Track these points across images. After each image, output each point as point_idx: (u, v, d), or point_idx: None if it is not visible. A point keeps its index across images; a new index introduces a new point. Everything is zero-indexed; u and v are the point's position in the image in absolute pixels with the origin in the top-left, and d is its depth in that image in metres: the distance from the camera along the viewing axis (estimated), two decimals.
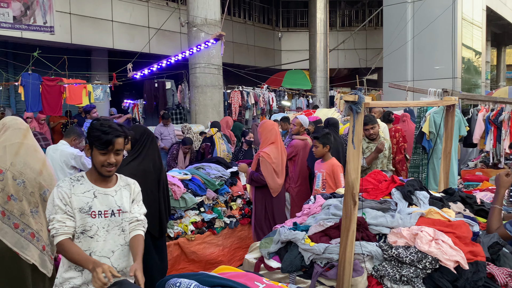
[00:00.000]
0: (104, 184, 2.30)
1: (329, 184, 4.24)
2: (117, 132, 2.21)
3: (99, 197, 2.26)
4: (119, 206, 2.30)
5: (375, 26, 20.05)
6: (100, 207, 2.24)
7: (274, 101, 13.03)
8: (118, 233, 2.29)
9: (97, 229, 2.22)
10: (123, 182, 2.41)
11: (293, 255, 2.59)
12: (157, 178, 3.36)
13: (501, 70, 30.33)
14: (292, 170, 5.37)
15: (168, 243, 4.33)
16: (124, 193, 2.36)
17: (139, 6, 13.61)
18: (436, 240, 2.37)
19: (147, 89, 11.52)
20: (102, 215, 2.24)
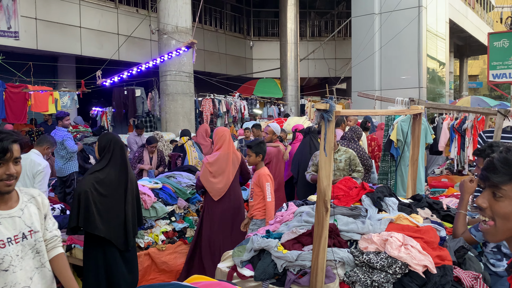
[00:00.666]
0: (5, 205, 1.95)
1: (256, 193, 4.17)
2: (12, 137, 1.90)
3: (3, 223, 1.92)
4: (29, 226, 2.01)
5: (343, 37, 20.49)
6: (7, 233, 1.92)
7: (245, 109, 13.07)
8: (33, 256, 2.02)
9: (11, 259, 1.91)
10: (26, 196, 2.07)
11: (266, 263, 2.59)
12: (124, 188, 3.26)
13: (463, 81, 31.58)
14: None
15: (138, 253, 4.24)
16: (31, 209, 2.05)
17: (108, 13, 13.41)
18: (405, 245, 2.42)
19: (116, 96, 11.32)
20: (12, 242, 1.92)
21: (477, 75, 39.83)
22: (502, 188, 1.14)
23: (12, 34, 10.62)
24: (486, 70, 11.98)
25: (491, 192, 1.17)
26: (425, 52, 15.09)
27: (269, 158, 5.31)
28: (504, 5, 30.75)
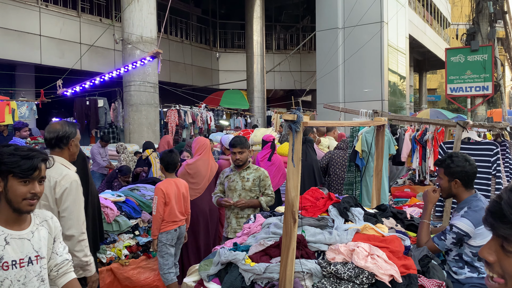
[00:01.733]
0: (17, 225, 1.87)
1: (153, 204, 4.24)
2: (42, 156, 1.87)
3: (12, 244, 1.83)
4: (37, 251, 1.90)
5: (308, 50, 20.87)
6: (14, 255, 1.82)
7: (212, 120, 13.00)
8: (38, 285, 1.90)
9: (10, 283, 1.81)
10: (39, 218, 1.98)
11: (233, 276, 2.53)
12: (85, 204, 3.13)
13: (423, 94, 32.84)
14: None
15: (100, 269, 4.09)
16: (42, 233, 1.95)
17: (70, 21, 13.08)
18: (372, 255, 2.44)
19: (78, 107, 11.00)
20: (16, 266, 1.83)
21: (435, 88, 41.53)
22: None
23: None
24: (444, 84, 12.54)
25: (500, 245, 0.92)
26: (386, 66, 15.58)
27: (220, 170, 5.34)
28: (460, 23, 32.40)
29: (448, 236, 2.68)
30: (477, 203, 2.69)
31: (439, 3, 27.40)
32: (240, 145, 3.98)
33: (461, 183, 2.74)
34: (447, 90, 12.19)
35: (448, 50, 12.54)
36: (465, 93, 12.00)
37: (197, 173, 4.82)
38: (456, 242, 2.67)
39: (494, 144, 3.78)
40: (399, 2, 16.56)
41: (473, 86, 11.83)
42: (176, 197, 4.16)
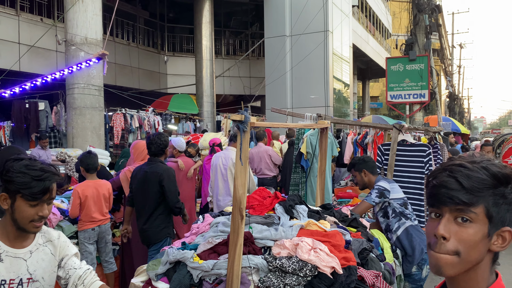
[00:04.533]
0: (18, 243, 1.76)
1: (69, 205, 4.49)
2: (54, 177, 1.73)
3: (5, 261, 1.71)
4: (31, 273, 1.77)
5: (257, 56, 21.16)
6: (5, 275, 1.71)
7: (160, 124, 12.82)
8: None
9: None
10: (43, 238, 1.85)
11: (181, 274, 2.57)
12: None
13: (366, 101, 34.27)
14: None
15: None
16: (42, 255, 1.82)
17: (7, 20, 12.42)
18: (315, 249, 2.57)
19: (16, 110, 10.45)
20: (5, 285, 1.72)
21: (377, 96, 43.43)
22: (472, 212, 0.96)
23: None
24: (385, 91, 13.22)
25: (453, 218, 0.98)
26: (331, 74, 16.15)
27: None
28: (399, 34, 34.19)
29: (372, 193, 3.44)
30: (382, 178, 3.57)
31: (381, 15, 28.81)
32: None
33: (368, 171, 3.54)
34: (388, 97, 12.86)
35: (388, 59, 13.24)
36: (404, 100, 12.72)
37: None
38: (379, 195, 3.39)
39: (427, 146, 4.08)
40: (343, 12, 17.25)
41: (411, 94, 12.57)
42: (94, 198, 4.31)
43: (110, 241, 4.58)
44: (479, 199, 0.96)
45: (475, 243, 0.97)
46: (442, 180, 1.00)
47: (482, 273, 1.01)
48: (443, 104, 39.00)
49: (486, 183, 0.97)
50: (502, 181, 0.98)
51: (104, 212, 4.46)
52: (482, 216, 0.97)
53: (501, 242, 1.00)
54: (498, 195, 0.98)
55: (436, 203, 1.01)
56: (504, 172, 0.99)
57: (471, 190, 0.96)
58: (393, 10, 34.65)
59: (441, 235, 0.98)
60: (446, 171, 1.01)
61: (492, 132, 48.43)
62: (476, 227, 0.97)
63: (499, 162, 1.03)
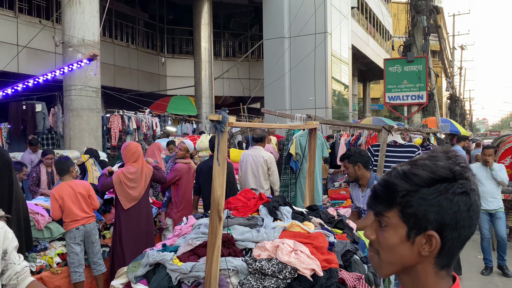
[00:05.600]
0: None
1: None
2: None
3: None
4: None
5: (257, 58, 21.15)
6: None
7: (157, 126, 12.80)
8: None
9: None
10: None
11: (160, 276, 2.54)
12: (7, 211, 2.99)
13: (366, 103, 34.21)
14: (175, 195, 5.34)
15: None
16: None
17: (6, 22, 12.44)
18: (296, 251, 2.54)
19: (13, 111, 10.43)
20: None
21: (378, 98, 43.33)
22: (385, 216, 0.99)
23: None
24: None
25: (377, 222, 1.02)
26: (330, 75, 16.12)
27: (180, 175, 5.30)
28: (400, 35, 34.16)
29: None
30: (376, 176, 3.55)
31: (381, 16, 28.78)
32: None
33: (362, 165, 3.52)
34: (386, 98, 12.81)
35: (387, 61, 13.20)
36: (402, 102, 12.66)
37: (134, 179, 4.73)
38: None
39: (416, 147, 4.05)
40: (342, 14, 17.23)
41: (409, 95, 12.51)
42: (72, 197, 4.41)
43: (98, 242, 4.56)
44: (392, 204, 0.97)
45: (391, 246, 0.98)
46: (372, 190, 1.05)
47: (425, 278, 0.98)
48: (444, 106, 38.85)
49: (396, 188, 0.97)
50: (418, 183, 0.95)
51: (85, 210, 4.49)
52: (396, 220, 0.97)
53: (428, 247, 0.96)
54: (415, 197, 0.95)
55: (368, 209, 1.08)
56: (423, 174, 0.95)
57: (382, 198, 0.99)
58: (393, 12, 34.61)
59: (366, 236, 1.04)
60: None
61: (490, 134, 48.23)
62: (390, 230, 0.98)
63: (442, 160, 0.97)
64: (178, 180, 5.38)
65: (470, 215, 0.95)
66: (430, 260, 0.97)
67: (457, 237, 0.96)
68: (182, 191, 5.29)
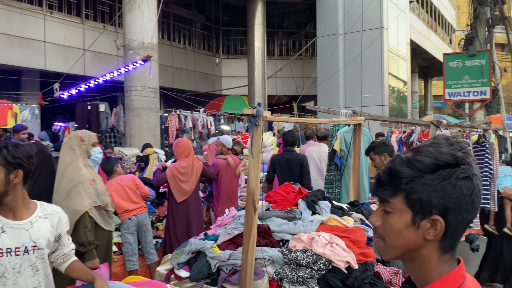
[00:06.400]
0: (14, 215, 1.98)
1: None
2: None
3: (8, 232, 1.93)
4: (34, 241, 1.98)
5: (311, 56, 21.03)
6: (9, 243, 1.92)
7: (212, 125, 13.17)
8: (32, 274, 1.99)
9: (5, 270, 1.91)
10: (43, 211, 2.09)
11: (201, 263, 2.67)
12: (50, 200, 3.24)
13: (428, 100, 32.73)
14: (216, 189, 5.54)
15: None
16: (43, 225, 2.03)
17: (74, 28, 13.39)
18: (331, 243, 2.56)
19: (79, 111, 11.22)
20: (11, 253, 1.92)
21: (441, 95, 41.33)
22: (391, 202, 1.01)
23: None
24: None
25: (382, 209, 1.04)
26: (387, 71, 15.66)
27: (218, 170, 5.47)
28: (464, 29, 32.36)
29: None
30: None
31: (443, 9, 27.45)
32: None
33: (388, 155, 3.52)
34: (445, 94, 12.25)
35: (446, 55, 12.61)
36: (463, 98, 12.05)
37: (186, 174, 4.94)
38: None
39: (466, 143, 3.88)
40: (399, 8, 16.68)
41: (471, 91, 11.87)
42: (120, 192, 4.64)
43: (150, 232, 4.80)
44: (397, 191, 0.99)
45: (397, 231, 1.00)
46: (376, 177, 1.07)
47: (428, 262, 1.00)
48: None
49: (400, 175, 0.99)
50: (422, 169, 0.97)
51: (135, 200, 4.73)
52: (402, 205, 0.99)
53: (433, 231, 0.98)
54: (419, 183, 0.97)
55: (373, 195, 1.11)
56: (427, 160, 0.97)
57: (387, 185, 1.01)
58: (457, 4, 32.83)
59: (371, 223, 1.06)
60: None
61: None
62: (396, 216, 1.00)
63: (444, 147, 0.99)
64: (217, 175, 5.55)
65: (472, 199, 0.97)
66: (434, 244, 0.99)
67: (461, 220, 0.98)
68: (222, 186, 5.47)
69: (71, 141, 3.36)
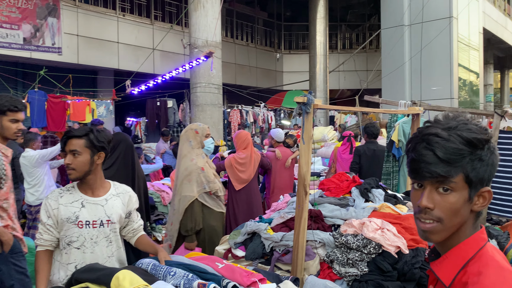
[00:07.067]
0: (93, 192, 2.25)
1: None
2: (71, 133, 2.18)
3: (87, 207, 2.20)
4: (108, 216, 2.23)
5: (375, 49, 20.50)
6: (88, 217, 2.18)
7: (272, 119, 13.37)
8: (106, 245, 2.24)
9: (84, 239, 2.17)
10: (116, 190, 2.34)
11: (256, 244, 2.84)
12: (131, 186, 3.48)
13: (505, 93, 30.47)
14: (267, 181, 5.73)
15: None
16: (116, 203, 2.29)
17: (144, 28, 14.20)
18: (382, 229, 2.61)
19: (149, 107, 11.94)
20: (90, 225, 2.18)
21: None
22: (453, 181, 1.00)
23: (55, 49, 11.52)
24: None
25: (435, 188, 1.03)
26: (456, 63, 14.88)
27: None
28: None
29: None
30: None
31: None
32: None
33: None
34: None
35: None
36: None
37: (245, 164, 5.14)
38: None
39: None
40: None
41: None
42: None
43: None
44: (457, 169, 1.00)
45: (457, 210, 1.02)
46: (420, 154, 1.03)
47: (464, 232, 1.07)
48: None
49: (463, 152, 1.01)
50: (478, 145, 1.01)
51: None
52: (462, 183, 1.02)
53: (482, 201, 1.05)
54: (475, 160, 1.01)
55: (418, 177, 1.06)
56: (479, 137, 1.01)
57: (448, 162, 1.00)
58: None
59: (425, 206, 1.04)
60: (424, 142, 1.04)
61: None
62: (457, 194, 1.02)
63: (474, 124, 1.04)
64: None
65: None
66: (473, 214, 1.07)
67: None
68: (272, 178, 5.62)
69: (187, 134, 3.78)
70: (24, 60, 11.62)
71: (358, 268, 2.46)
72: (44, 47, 11.36)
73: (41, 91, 8.90)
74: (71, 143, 2.16)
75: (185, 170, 3.59)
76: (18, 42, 10.84)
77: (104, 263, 2.19)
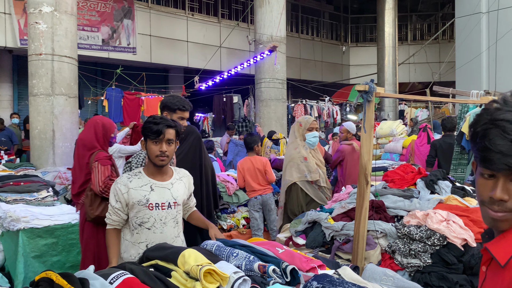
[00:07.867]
0: (160, 177, 2.39)
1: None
2: (167, 122, 2.33)
3: (156, 190, 2.35)
4: (175, 198, 2.39)
5: (449, 39, 19.40)
6: (157, 199, 2.33)
7: (338, 114, 13.18)
8: (173, 226, 2.40)
9: (154, 220, 2.33)
10: (178, 174, 2.50)
11: (316, 232, 2.89)
12: (199, 174, 3.66)
13: None
14: (341, 174, 5.64)
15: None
16: (180, 186, 2.45)
17: (211, 27, 14.64)
18: (448, 221, 2.54)
19: (216, 103, 12.32)
20: (159, 207, 2.33)
21: None
22: None
23: (130, 49, 12.27)
24: None
25: (510, 180, 0.99)
26: None
27: (342, 156, 5.56)
28: None
29: None
30: None
31: None
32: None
33: None
34: None
35: None
36: None
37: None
38: None
39: None
40: None
41: None
42: (251, 172, 5.07)
43: (274, 211, 5.14)
44: None
45: None
46: (495, 143, 0.97)
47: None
48: None
49: None
50: None
51: (261, 183, 5.10)
52: None
53: None
54: None
55: (491, 167, 1.00)
56: None
57: None
58: None
59: (500, 198, 1.00)
60: (498, 128, 0.98)
61: None
62: None
63: None
64: (342, 160, 5.64)
65: None
66: None
67: None
68: (347, 171, 5.54)
69: (294, 125, 4.25)
70: (103, 60, 12.52)
71: (421, 259, 2.42)
72: (120, 47, 12.15)
73: (118, 89, 9.55)
74: (168, 132, 2.33)
75: (289, 156, 4.02)
76: (98, 43, 11.69)
77: (171, 242, 2.34)
